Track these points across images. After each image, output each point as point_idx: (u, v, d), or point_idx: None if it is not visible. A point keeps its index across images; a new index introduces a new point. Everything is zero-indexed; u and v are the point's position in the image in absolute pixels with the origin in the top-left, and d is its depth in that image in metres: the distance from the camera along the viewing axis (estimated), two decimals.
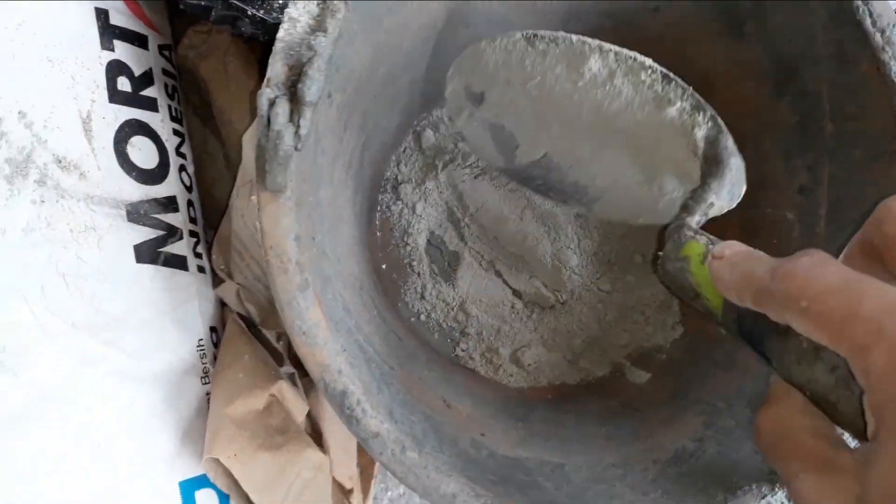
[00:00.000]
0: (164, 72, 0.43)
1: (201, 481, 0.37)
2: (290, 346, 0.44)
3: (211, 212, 0.46)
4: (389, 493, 0.51)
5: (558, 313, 0.49)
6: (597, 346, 0.49)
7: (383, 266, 0.51)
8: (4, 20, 0.36)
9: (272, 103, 0.31)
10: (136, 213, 0.38)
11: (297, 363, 0.44)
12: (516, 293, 0.50)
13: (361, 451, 0.46)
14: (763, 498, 0.33)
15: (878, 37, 0.34)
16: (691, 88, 0.32)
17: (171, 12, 0.46)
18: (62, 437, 0.34)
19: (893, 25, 0.34)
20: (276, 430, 0.38)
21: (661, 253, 0.31)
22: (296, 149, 0.31)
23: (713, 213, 0.33)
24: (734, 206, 0.34)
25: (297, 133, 0.31)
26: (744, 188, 0.34)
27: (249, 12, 0.40)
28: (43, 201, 0.35)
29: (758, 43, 0.39)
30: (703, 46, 0.41)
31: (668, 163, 0.33)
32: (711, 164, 0.32)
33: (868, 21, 0.34)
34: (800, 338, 0.21)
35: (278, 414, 0.39)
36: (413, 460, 0.31)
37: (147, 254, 0.38)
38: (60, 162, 0.36)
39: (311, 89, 0.31)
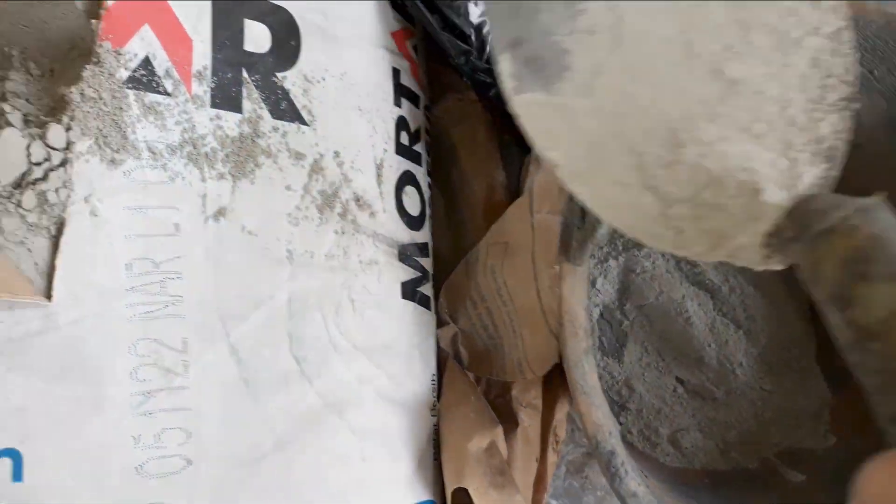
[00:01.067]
0: (426, 130, 0.48)
1: None
2: (488, 393, 0.48)
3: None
4: None
5: (718, 404, 0.53)
6: (750, 440, 0.53)
7: None
8: (333, 70, 0.41)
9: None
10: (404, 254, 0.43)
11: (494, 411, 0.48)
12: (679, 379, 0.54)
13: None
14: None
15: None
16: None
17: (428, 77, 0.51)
18: (337, 445, 0.38)
19: None
20: (497, 470, 0.42)
21: None
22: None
23: None
24: None
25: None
26: None
27: None
28: (343, 232, 0.40)
29: None
30: None
31: None
32: None
33: None
34: None
35: (497, 456, 0.42)
36: None
37: (409, 291, 0.43)
38: (358, 200, 0.41)
39: None
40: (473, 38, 0.45)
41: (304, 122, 0.40)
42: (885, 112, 0.46)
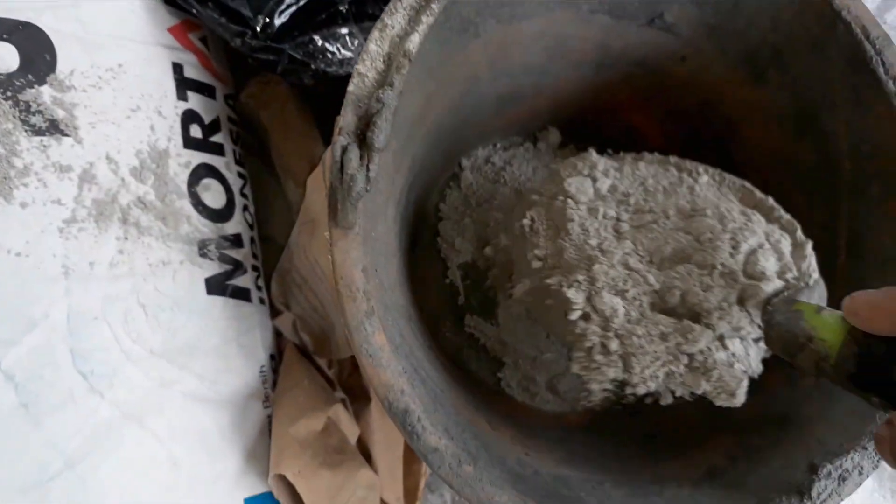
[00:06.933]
0: (230, 119, 0.47)
1: (265, 498, 0.40)
2: (340, 373, 0.47)
3: (269, 248, 0.49)
4: None
5: None
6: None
7: (425, 298, 0.54)
8: (97, 76, 0.40)
9: (345, 150, 0.34)
10: (206, 249, 0.42)
11: (348, 389, 0.47)
12: None
13: (407, 474, 0.48)
14: None
15: (890, 84, 0.37)
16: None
17: (232, 64, 0.50)
18: (140, 454, 0.37)
19: None
20: (334, 449, 0.41)
21: (769, 307, 0.32)
22: (366, 190, 0.34)
23: None
24: None
25: (367, 176, 0.34)
26: None
27: (312, 66, 0.44)
28: (126, 238, 0.39)
29: (779, 89, 0.42)
30: (728, 92, 0.45)
31: None
32: None
33: (881, 69, 0.37)
34: None
35: (335, 434, 0.41)
36: (469, 474, 0.34)
37: (216, 286, 0.41)
38: (141, 202, 0.40)
39: (380, 137, 0.34)
40: (252, 16, 0.44)
41: (64, 134, 0.38)
42: (698, 18, 0.44)
